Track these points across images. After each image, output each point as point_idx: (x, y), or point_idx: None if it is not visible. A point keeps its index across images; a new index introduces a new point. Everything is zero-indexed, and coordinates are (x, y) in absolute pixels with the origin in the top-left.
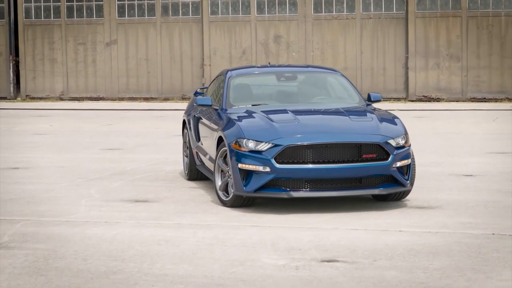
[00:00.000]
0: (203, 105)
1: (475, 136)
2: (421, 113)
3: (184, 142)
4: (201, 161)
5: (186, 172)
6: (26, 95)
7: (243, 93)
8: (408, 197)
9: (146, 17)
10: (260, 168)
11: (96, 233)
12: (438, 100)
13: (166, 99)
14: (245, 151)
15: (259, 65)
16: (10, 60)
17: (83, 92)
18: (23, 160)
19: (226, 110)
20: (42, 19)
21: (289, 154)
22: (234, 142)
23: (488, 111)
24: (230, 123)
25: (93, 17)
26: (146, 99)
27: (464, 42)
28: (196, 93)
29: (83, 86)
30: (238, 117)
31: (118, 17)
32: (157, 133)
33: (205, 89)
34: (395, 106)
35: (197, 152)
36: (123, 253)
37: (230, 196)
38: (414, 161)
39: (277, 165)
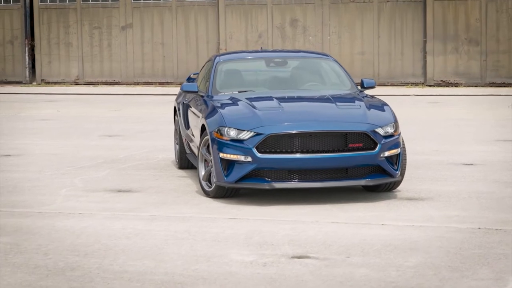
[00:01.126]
0: (188, 92)
1: (486, 123)
2: (436, 98)
3: (176, 130)
4: (190, 149)
5: (177, 161)
6: (42, 80)
7: (230, 79)
8: (399, 187)
9: (162, 1)
10: (242, 158)
11: (65, 225)
12: (456, 85)
13: (181, 84)
14: (226, 140)
15: (249, 50)
16: (25, 44)
17: (98, 76)
18: (18, 147)
19: (212, 97)
20: (58, 2)
21: (271, 143)
22: (215, 130)
23: (506, 96)
24: (213, 110)
25: (108, 1)
26: (162, 84)
27: (483, 26)
28: (189, 79)
29: (99, 70)
30: (221, 104)
31: (133, 0)
32: (163, 119)
33: (197, 75)
34: (412, 91)
35: (186, 140)
36: (87, 247)
37: (213, 187)
38: (404, 151)
39: (259, 155)
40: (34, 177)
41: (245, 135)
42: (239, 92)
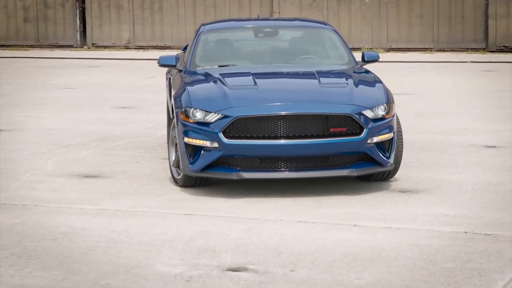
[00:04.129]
0: (165, 65)
1: None
2: (493, 66)
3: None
4: None
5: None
6: (92, 44)
7: (212, 51)
8: (398, 175)
9: None
10: (208, 144)
11: None
12: None
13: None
14: (192, 123)
15: (238, 19)
16: (76, 7)
17: (149, 40)
18: (16, 121)
19: (190, 72)
20: None
21: (240, 127)
22: (181, 111)
23: None
24: (181, 88)
25: None
26: None
27: None
28: (185, 48)
29: (150, 34)
30: (191, 81)
31: None
32: None
33: None
34: (470, 58)
35: None
36: (1, 251)
37: (181, 175)
38: (400, 135)
39: (226, 140)
40: (9, 157)
41: (211, 117)
42: (219, 66)
